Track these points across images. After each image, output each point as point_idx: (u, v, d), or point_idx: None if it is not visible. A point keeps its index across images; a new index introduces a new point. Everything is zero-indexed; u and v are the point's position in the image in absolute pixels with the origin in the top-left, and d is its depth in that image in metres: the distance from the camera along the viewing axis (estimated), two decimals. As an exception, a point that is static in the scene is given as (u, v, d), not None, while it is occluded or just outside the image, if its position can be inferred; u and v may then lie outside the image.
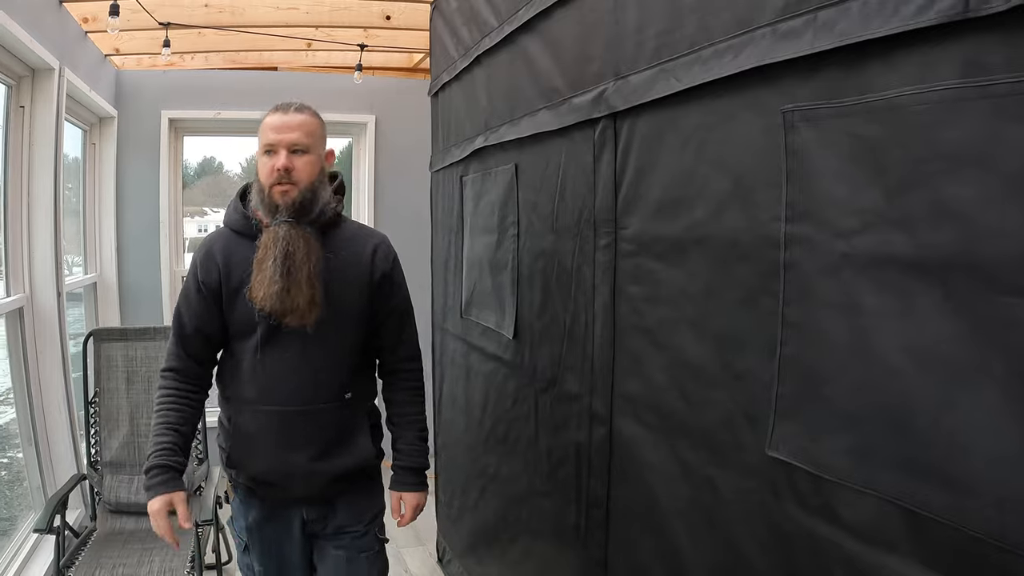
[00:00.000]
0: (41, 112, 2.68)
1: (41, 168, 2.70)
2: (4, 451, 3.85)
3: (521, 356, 2.00)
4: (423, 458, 1.80)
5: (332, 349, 1.64)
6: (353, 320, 1.67)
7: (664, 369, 1.30)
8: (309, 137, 1.58)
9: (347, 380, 1.68)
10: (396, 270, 1.75)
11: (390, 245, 1.76)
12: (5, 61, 2.43)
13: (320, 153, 1.63)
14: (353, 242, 1.69)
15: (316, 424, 1.64)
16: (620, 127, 1.43)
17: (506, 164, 2.05)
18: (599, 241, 1.51)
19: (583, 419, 1.64)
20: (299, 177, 1.56)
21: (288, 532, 1.74)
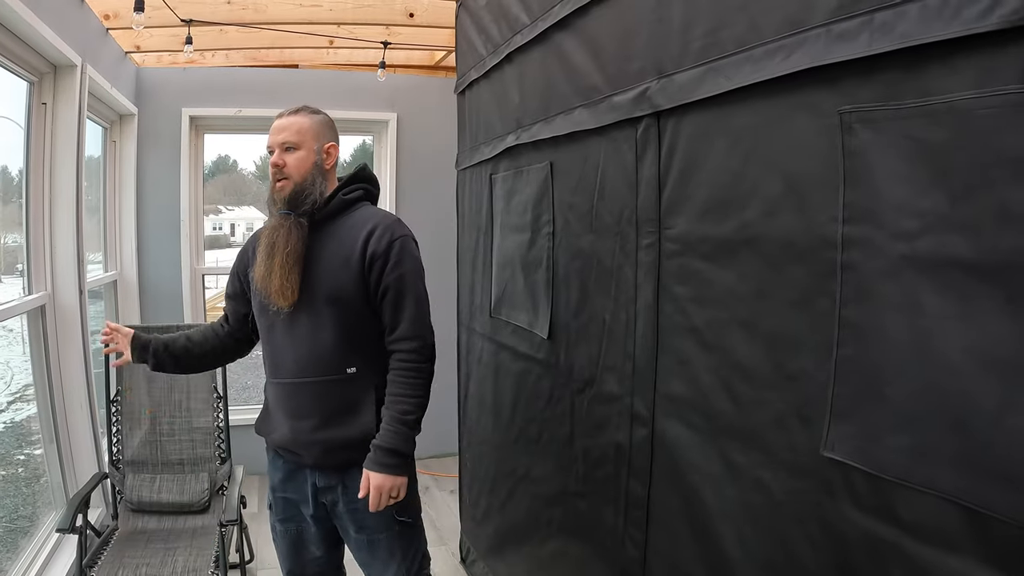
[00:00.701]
0: (63, 109, 2.72)
1: (63, 165, 2.74)
2: (21, 448, 3.94)
3: (556, 356, 2.03)
4: (397, 440, 1.75)
5: (328, 326, 1.78)
6: (346, 298, 1.78)
7: (712, 370, 1.33)
8: (298, 135, 1.80)
9: (348, 356, 1.79)
10: (392, 251, 1.77)
11: (392, 227, 1.80)
12: (27, 57, 2.48)
13: (313, 148, 1.82)
14: (354, 227, 1.81)
15: (318, 396, 1.80)
16: (664, 126, 1.46)
17: (540, 162, 2.08)
18: (642, 241, 1.54)
19: (623, 420, 1.67)
20: (290, 172, 1.79)
21: (303, 494, 1.90)
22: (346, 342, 1.79)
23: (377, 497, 1.74)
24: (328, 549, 1.97)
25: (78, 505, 2.37)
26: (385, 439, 1.75)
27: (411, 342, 1.79)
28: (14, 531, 3.04)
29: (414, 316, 1.80)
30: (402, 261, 1.78)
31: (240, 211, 23.62)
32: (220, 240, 21.92)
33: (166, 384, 2.91)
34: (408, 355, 1.79)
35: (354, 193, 1.87)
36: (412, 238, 1.85)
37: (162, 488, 2.81)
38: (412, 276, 1.80)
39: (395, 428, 1.75)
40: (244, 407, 4.52)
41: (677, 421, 1.47)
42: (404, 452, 1.77)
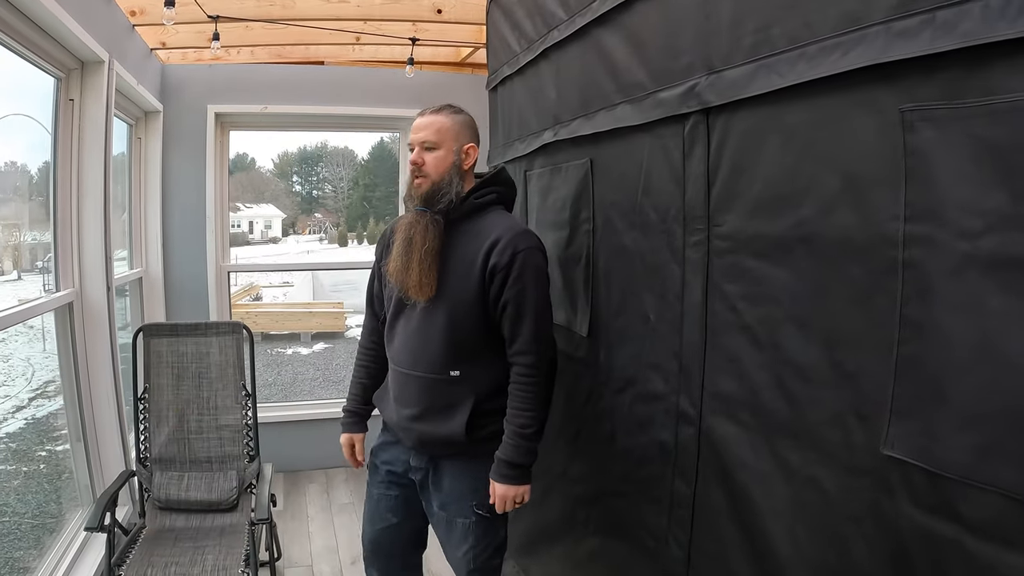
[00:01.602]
0: (91, 105, 2.77)
1: (91, 162, 2.79)
2: (43, 444, 4.03)
3: (595, 354, 2.07)
4: (517, 453, 1.84)
5: (440, 328, 1.87)
6: (464, 306, 1.85)
7: (764, 367, 1.37)
8: (438, 135, 1.88)
9: (453, 359, 1.88)
10: (515, 264, 1.81)
11: (516, 239, 1.83)
12: (55, 53, 2.52)
13: (452, 148, 1.90)
14: (480, 234, 1.87)
15: (421, 390, 1.92)
16: (713, 123, 1.49)
17: (579, 159, 2.12)
18: (689, 238, 1.58)
19: (668, 419, 1.70)
20: (428, 171, 1.88)
21: (395, 466, 2.07)
22: (454, 346, 1.87)
23: (502, 505, 1.88)
24: (404, 519, 2.09)
25: (106, 503, 2.42)
26: (506, 452, 1.86)
27: (528, 356, 1.85)
28: (39, 527, 3.12)
29: (533, 331, 1.85)
30: (523, 275, 1.82)
31: (258, 208, 23.96)
32: (238, 238, 22.24)
33: (194, 381, 2.96)
34: (526, 369, 1.85)
35: (486, 196, 1.93)
36: (539, 248, 1.88)
37: (190, 486, 2.86)
38: (533, 290, 1.84)
39: (515, 442, 1.85)
40: (273, 405, 4.59)
41: (725, 419, 1.50)
42: (523, 464, 1.86)
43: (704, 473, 1.59)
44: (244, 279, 15.13)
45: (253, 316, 12.78)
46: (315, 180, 26.41)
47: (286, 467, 4.32)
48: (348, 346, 12.15)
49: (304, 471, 4.35)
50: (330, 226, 25.44)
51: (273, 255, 20.49)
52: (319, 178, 26.27)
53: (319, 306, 14.02)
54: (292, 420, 4.37)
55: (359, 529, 3.50)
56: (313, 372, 10.77)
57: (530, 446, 1.86)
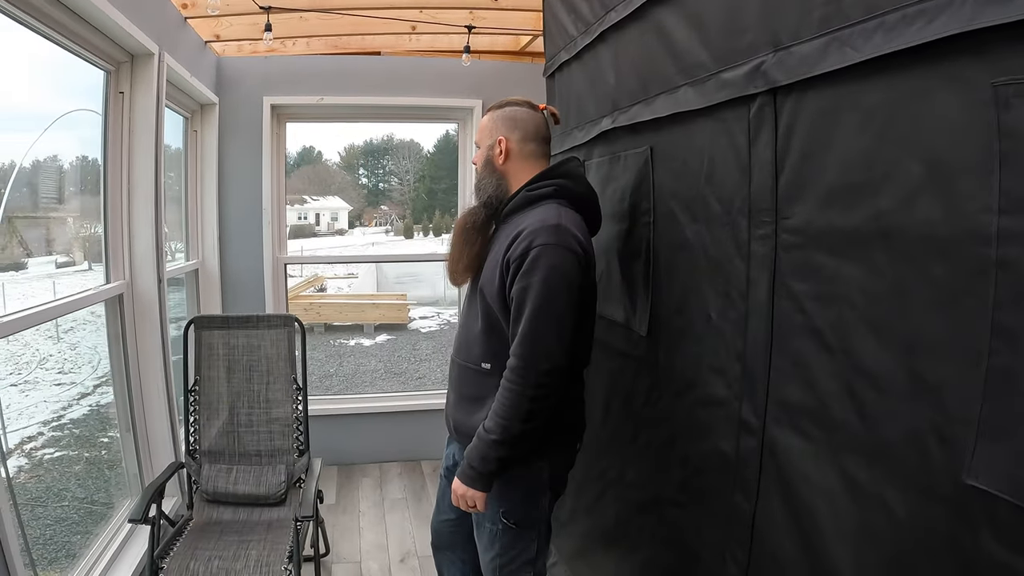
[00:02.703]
0: (141, 98, 2.82)
1: (142, 154, 2.85)
2: (105, 431, 4.16)
3: (655, 354, 1.98)
4: (472, 453, 1.78)
5: (476, 318, 1.90)
6: (491, 298, 1.83)
7: (835, 376, 1.26)
8: (479, 134, 2.00)
9: (488, 352, 1.87)
10: (526, 259, 1.71)
11: (537, 233, 1.72)
12: (103, 46, 2.57)
13: (487, 144, 1.95)
14: (517, 227, 1.81)
15: (459, 378, 1.97)
16: (781, 104, 1.39)
17: (638, 147, 2.03)
18: (755, 231, 1.48)
19: (730, 427, 1.61)
20: (477, 169, 1.99)
21: (449, 457, 2.13)
22: (487, 337, 1.87)
23: (455, 499, 1.85)
24: (463, 515, 2.07)
25: (152, 495, 2.47)
26: (467, 452, 1.83)
27: (513, 359, 1.73)
28: (95, 514, 3.22)
29: (526, 334, 1.70)
30: (532, 271, 1.70)
31: (325, 201, 24.57)
32: (305, 229, 22.87)
33: (245, 374, 3.00)
34: (508, 372, 1.74)
35: (541, 189, 1.86)
36: (564, 247, 1.71)
37: (238, 479, 2.90)
38: (540, 289, 1.69)
39: (475, 442, 1.80)
40: (330, 397, 4.65)
41: (791, 430, 1.40)
42: (476, 467, 1.78)
43: (766, 488, 1.49)
44: (308, 270, 15.49)
45: (317, 307, 13.08)
46: (381, 173, 26.86)
47: (341, 460, 4.38)
48: (410, 338, 12.33)
49: (359, 464, 4.40)
50: (396, 218, 25.82)
51: (338, 247, 20.92)
52: (385, 171, 26.71)
53: (383, 298, 14.20)
54: (349, 413, 4.41)
55: (410, 526, 3.57)
56: (375, 363, 10.92)
57: (487, 452, 1.75)
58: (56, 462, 4.33)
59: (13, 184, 3.37)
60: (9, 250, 3.70)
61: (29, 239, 3.76)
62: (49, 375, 5.43)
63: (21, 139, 3.17)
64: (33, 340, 5.74)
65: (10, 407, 4.87)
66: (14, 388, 5.28)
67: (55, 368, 5.42)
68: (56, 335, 5.56)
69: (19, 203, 3.55)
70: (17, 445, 4.36)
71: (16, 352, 5.75)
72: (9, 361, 5.60)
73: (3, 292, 3.72)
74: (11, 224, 3.60)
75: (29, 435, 4.56)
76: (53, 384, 5.34)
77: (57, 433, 4.62)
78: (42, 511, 3.87)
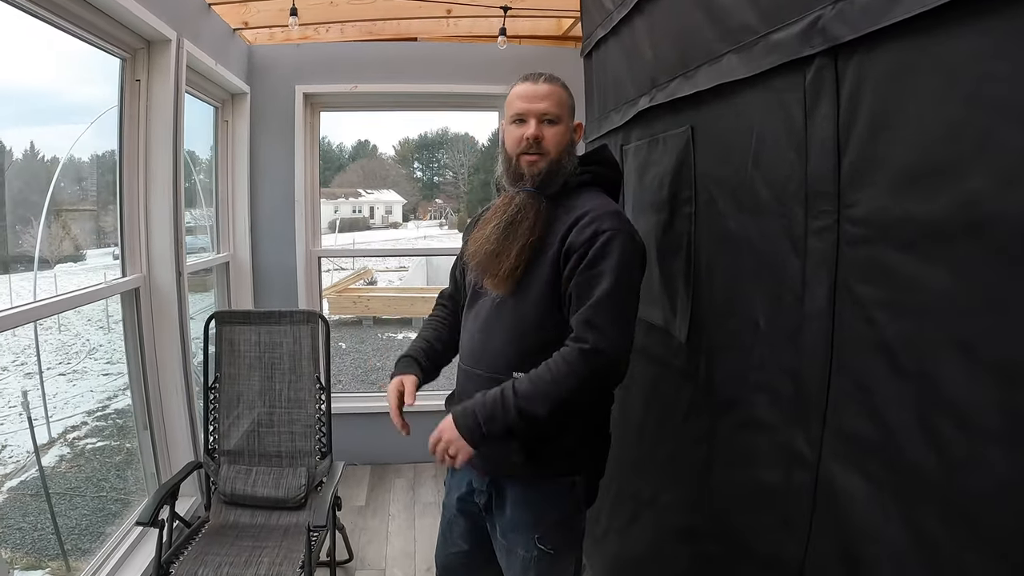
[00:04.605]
0: (158, 85, 2.71)
1: (159, 143, 2.73)
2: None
3: (695, 364, 1.74)
4: (485, 409, 1.52)
5: (507, 321, 1.66)
6: (534, 296, 1.63)
7: (907, 404, 1.00)
8: (559, 107, 1.68)
9: (519, 359, 1.62)
10: (595, 244, 1.53)
11: (602, 218, 1.56)
12: (117, 33, 2.46)
13: (569, 124, 1.71)
14: (565, 215, 1.63)
15: (480, 391, 1.63)
16: (844, 66, 1.13)
17: (678, 127, 1.79)
18: (812, 223, 1.22)
19: (778, 456, 1.36)
20: (548, 147, 1.66)
21: (459, 486, 1.87)
22: (520, 342, 1.64)
23: (435, 440, 1.57)
24: (475, 545, 1.89)
25: (163, 496, 2.36)
26: (479, 398, 1.55)
27: (575, 343, 1.50)
28: (133, 505, 3.12)
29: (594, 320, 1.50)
30: (604, 256, 1.52)
31: (379, 194, 24.85)
32: (359, 222, 23.15)
33: (267, 372, 2.87)
34: (566, 351, 1.51)
35: (580, 177, 1.71)
36: (630, 233, 1.58)
37: (257, 481, 2.78)
38: (609, 276, 1.51)
39: (495, 394, 1.52)
40: (365, 395, 4.52)
41: (851, 468, 1.15)
42: (480, 422, 1.52)
43: (819, 532, 1.24)
44: (358, 263, 15.50)
45: (365, 300, 13.05)
46: (436, 166, 26.96)
47: (375, 459, 4.27)
48: (459, 332, 12.23)
49: (393, 464, 4.27)
50: (451, 212, 25.88)
51: (391, 240, 21.03)
52: (440, 164, 26.79)
53: (432, 291, 14.08)
54: (385, 411, 4.23)
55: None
56: (422, 358, 10.79)
57: (502, 414, 1.50)
58: (97, 452, 4.33)
59: (67, 178, 3.35)
60: (67, 243, 3.71)
61: (85, 231, 3.75)
62: (98, 365, 5.46)
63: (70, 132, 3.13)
64: (84, 330, 5.79)
65: (56, 396, 4.90)
66: (62, 377, 5.32)
67: (103, 358, 5.44)
68: (107, 325, 5.59)
69: (73, 196, 3.54)
70: (60, 434, 4.36)
71: (67, 342, 5.82)
72: (60, 351, 5.66)
73: (56, 283, 3.72)
74: (62, 217, 3.59)
75: (73, 424, 4.57)
76: (101, 374, 5.36)
77: (101, 423, 4.62)
78: (80, 500, 3.85)
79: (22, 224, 3.36)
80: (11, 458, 3.89)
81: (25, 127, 2.98)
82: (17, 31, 2.26)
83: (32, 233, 3.35)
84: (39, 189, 3.21)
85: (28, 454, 3.85)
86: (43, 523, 3.39)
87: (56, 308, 2.25)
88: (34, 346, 4.62)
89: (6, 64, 2.48)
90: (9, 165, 2.94)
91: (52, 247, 3.58)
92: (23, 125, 2.96)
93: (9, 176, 2.96)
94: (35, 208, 3.30)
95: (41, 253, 3.43)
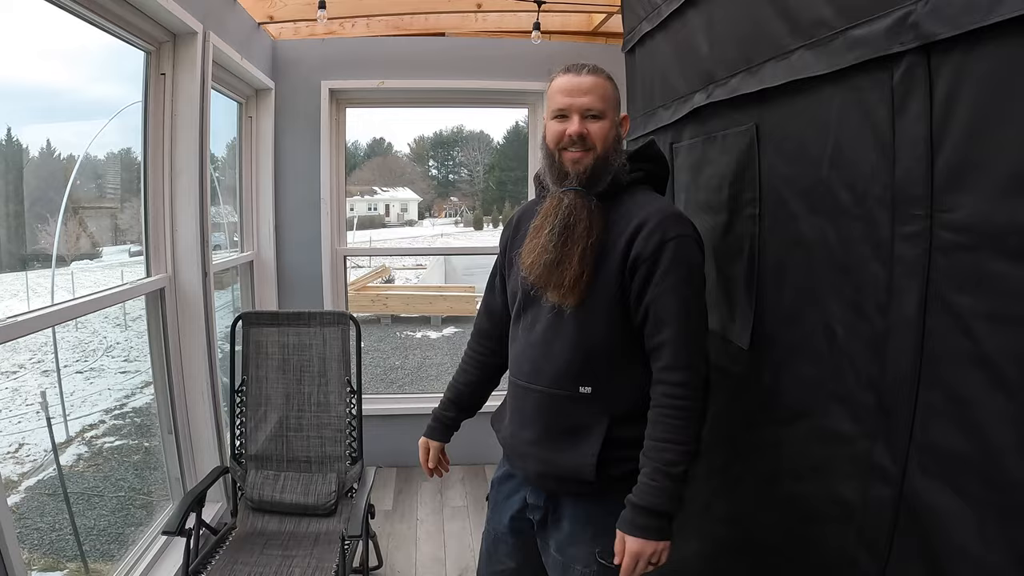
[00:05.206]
0: (184, 79, 2.67)
1: (185, 139, 2.69)
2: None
3: (758, 372, 1.70)
4: (660, 498, 1.46)
5: (570, 332, 1.58)
6: (602, 307, 1.55)
7: (1011, 421, 0.96)
8: (603, 101, 1.60)
9: (585, 372, 1.58)
10: (663, 255, 1.49)
11: (666, 223, 1.51)
12: (142, 25, 2.43)
13: (615, 119, 1.63)
14: (622, 218, 1.57)
15: (542, 409, 1.65)
16: (939, 64, 1.08)
17: (741, 125, 1.74)
18: (900, 228, 1.17)
19: (856, 469, 1.31)
20: (593, 143, 1.58)
21: (511, 501, 1.81)
22: (586, 354, 1.58)
23: (632, 565, 1.49)
24: (522, 564, 1.84)
25: (190, 504, 2.33)
26: (644, 496, 1.49)
27: (678, 373, 1.49)
28: (151, 505, 3.12)
29: (683, 341, 1.49)
30: (674, 269, 1.49)
31: (395, 192, 25.01)
32: (375, 220, 23.29)
33: (295, 375, 2.83)
34: (674, 389, 1.49)
35: (632, 175, 1.64)
36: (694, 238, 1.55)
37: (286, 487, 2.74)
38: (684, 289, 1.50)
39: (658, 482, 1.47)
40: (384, 396, 4.49)
41: (942, 485, 1.10)
42: (668, 512, 1.48)
43: (902, 551, 1.20)
44: (376, 261, 15.52)
45: (384, 298, 13.08)
46: (451, 164, 27.05)
47: (402, 462, 4.23)
48: (478, 331, 12.23)
49: (419, 467, 4.17)
50: (466, 210, 25.93)
51: (407, 238, 21.09)
52: (455, 162, 26.87)
53: (450, 289, 14.12)
54: (410, 413, 4.21)
55: (470, 539, 3.35)
56: (441, 357, 10.77)
57: (676, 489, 1.47)
58: (115, 451, 4.32)
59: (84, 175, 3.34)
60: (83, 240, 3.70)
61: (102, 228, 3.74)
62: (115, 363, 5.46)
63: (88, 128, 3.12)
64: (101, 328, 5.79)
65: (74, 394, 4.90)
66: (79, 375, 5.32)
67: (121, 356, 5.44)
68: (124, 323, 5.59)
69: (90, 193, 3.53)
70: (78, 433, 4.36)
71: (84, 339, 5.82)
72: (77, 348, 5.66)
73: (72, 280, 3.72)
74: (79, 214, 3.58)
75: (91, 423, 4.56)
76: (118, 372, 5.36)
77: (118, 421, 4.61)
78: (98, 500, 3.84)
79: (40, 222, 3.35)
80: (28, 456, 3.89)
81: (42, 124, 2.96)
82: (34, 26, 2.24)
83: (49, 230, 3.34)
84: (56, 186, 3.20)
85: (46, 452, 3.85)
86: (61, 523, 3.38)
87: (76, 312, 2.18)
88: (51, 344, 4.62)
89: (22, 60, 2.46)
90: (27, 162, 2.93)
91: (68, 244, 3.57)
92: (40, 122, 2.95)
93: (26, 174, 2.94)
94: (52, 206, 3.29)
95: (58, 251, 3.42)
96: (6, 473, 3.66)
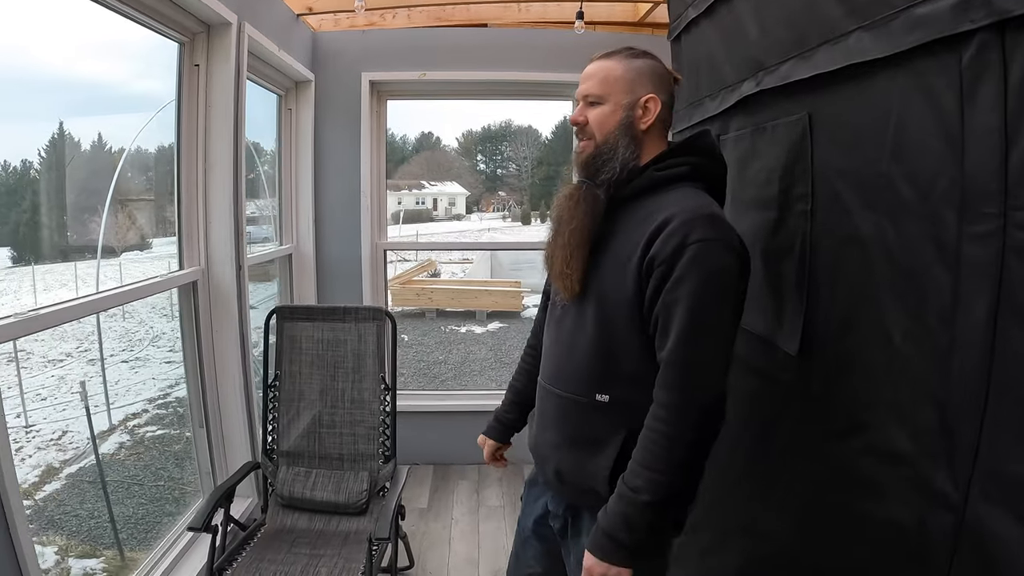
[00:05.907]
0: (218, 70, 2.66)
1: (219, 130, 2.68)
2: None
3: (807, 380, 1.59)
4: (614, 523, 1.41)
5: (589, 335, 1.52)
6: (619, 309, 1.47)
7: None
8: (603, 85, 1.54)
9: (604, 379, 1.51)
10: (681, 258, 1.36)
11: (692, 224, 1.38)
12: (176, 16, 2.42)
13: (622, 102, 1.53)
14: (650, 216, 1.45)
15: (560, 413, 1.61)
16: (1014, 44, 0.97)
17: (792, 114, 1.64)
18: (969, 228, 1.06)
19: (913, 492, 1.21)
20: (591, 131, 1.55)
21: (535, 505, 1.80)
22: (605, 361, 1.51)
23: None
24: (548, 569, 1.79)
25: (218, 500, 2.33)
26: (604, 516, 1.44)
27: (667, 394, 1.39)
28: (190, 495, 3.13)
29: (682, 359, 1.38)
30: (689, 276, 1.36)
31: (443, 186, 25.16)
32: (423, 214, 23.43)
33: (329, 371, 2.81)
34: (659, 411, 1.40)
35: (673, 169, 1.51)
36: (724, 243, 1.39)
37: (316, 484, 2.72)
38: (697, 301, 1.36)
39: (618, 508, 1.41)
40: (424, 393, 4.46)
41: (1011, 516, 0.99)
42: (619, 539, 1.41)
43: None
44: (422, 255, 15.56)
45: (429, 292, 13.13)
46: (499, 159, 27.05)
47: (438, 459, 4.22)
48: (523, 327, 12.16)
49: (456, 465, 4.22)
50: (513, 204, 25.91)
51: (455, 232, 21.17)
52: (503, 157, 26.87)
53: (496, 284, 14.07)
54: (450, 410, 4.20)
55: (505, 540, 3.29)
56: (485, 352, 10.78)
57: (637, 518, 1.39)
58: (157, 440, 4.38)
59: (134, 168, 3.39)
60: (133, 232, 3.76)
61: (152, 220, 3.80)
62: (160, 352, 5.54)
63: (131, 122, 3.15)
64: (148, 318, 5.89)
65: (118, 383, 4.98)
66: (125, 364, 5.42)
67: (166, 346, 5.52)
68: (171, 313, 5.68)
69: (140, 186, 3.58)
70: (121, 421, 4.43)
71: (131, 329, 5.93)
72: (123, 337, 5.77)
73: (121, 271, 3.78)
74: (127, 207, 3.64)
75: (134, 412, 4.64)
76: (163, 362, 5.44)
77: (161, 411, 4.68)
78: (138, 489, 3.89)
79: (88, 213, 3.40)
80: (71, 444, 3.96)
81: (90, 116, 3.00)
82: (80, 22, 2.24)
83: (97, 222, 3.39)
84: (104, 178, 3.24)
85: (88, 440, 3.92)
86: (100, 510, 3.43)
87: (106, 303, 2.22)
88: (96, 333, 4.70)
89: (71, 53, 2.48)
90: (73, 157, 2.96)
91: (118, 236, 3.62)
92: (89, 115, 2.98)
93: (75, 166, 2.97)
94: (101, 197, 3.33)
95: (107, 241, 3.47)
96: (48, 460, 3.73)
